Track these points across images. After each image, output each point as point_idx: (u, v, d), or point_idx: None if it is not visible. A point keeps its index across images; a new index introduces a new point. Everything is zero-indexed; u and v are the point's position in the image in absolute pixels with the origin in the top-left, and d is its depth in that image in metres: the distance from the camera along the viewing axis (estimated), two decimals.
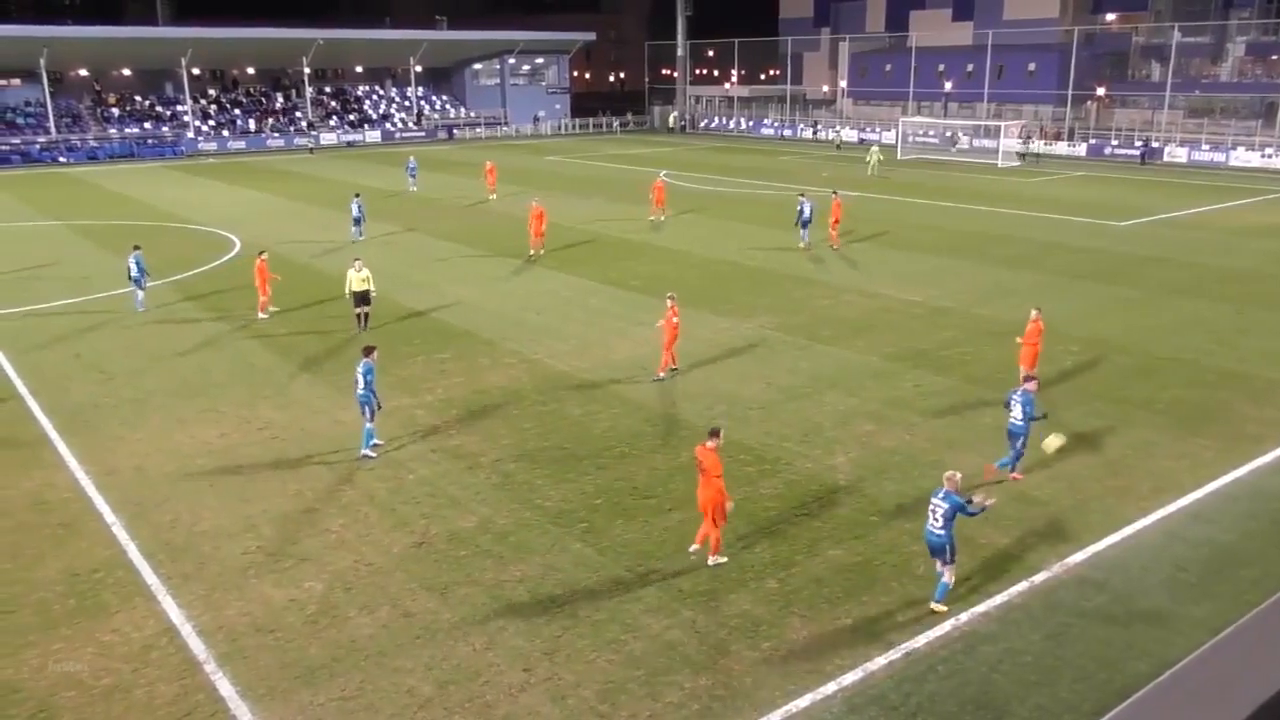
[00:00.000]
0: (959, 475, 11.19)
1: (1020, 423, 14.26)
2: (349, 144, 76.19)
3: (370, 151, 72.30)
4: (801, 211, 32.59)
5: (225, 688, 9.73)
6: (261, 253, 24.67)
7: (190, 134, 72.71)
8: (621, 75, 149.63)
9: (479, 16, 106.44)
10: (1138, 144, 63.82)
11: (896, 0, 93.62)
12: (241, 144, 73.63)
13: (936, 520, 10.93)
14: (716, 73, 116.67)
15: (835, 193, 34.65)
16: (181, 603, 11.26)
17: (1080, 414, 17.31)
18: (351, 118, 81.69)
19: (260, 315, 23.98)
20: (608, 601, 11.30)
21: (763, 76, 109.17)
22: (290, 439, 16.30)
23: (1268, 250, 32.42)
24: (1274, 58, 68.13)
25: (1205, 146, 62.44)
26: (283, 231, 36.04)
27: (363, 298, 22.61)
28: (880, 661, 10.13)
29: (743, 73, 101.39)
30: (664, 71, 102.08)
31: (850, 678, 9.87)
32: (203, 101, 77.49)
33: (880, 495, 14.11)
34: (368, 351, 15.72)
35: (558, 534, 12.96)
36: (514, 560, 12.24)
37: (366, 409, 15.42)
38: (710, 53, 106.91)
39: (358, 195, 35.34)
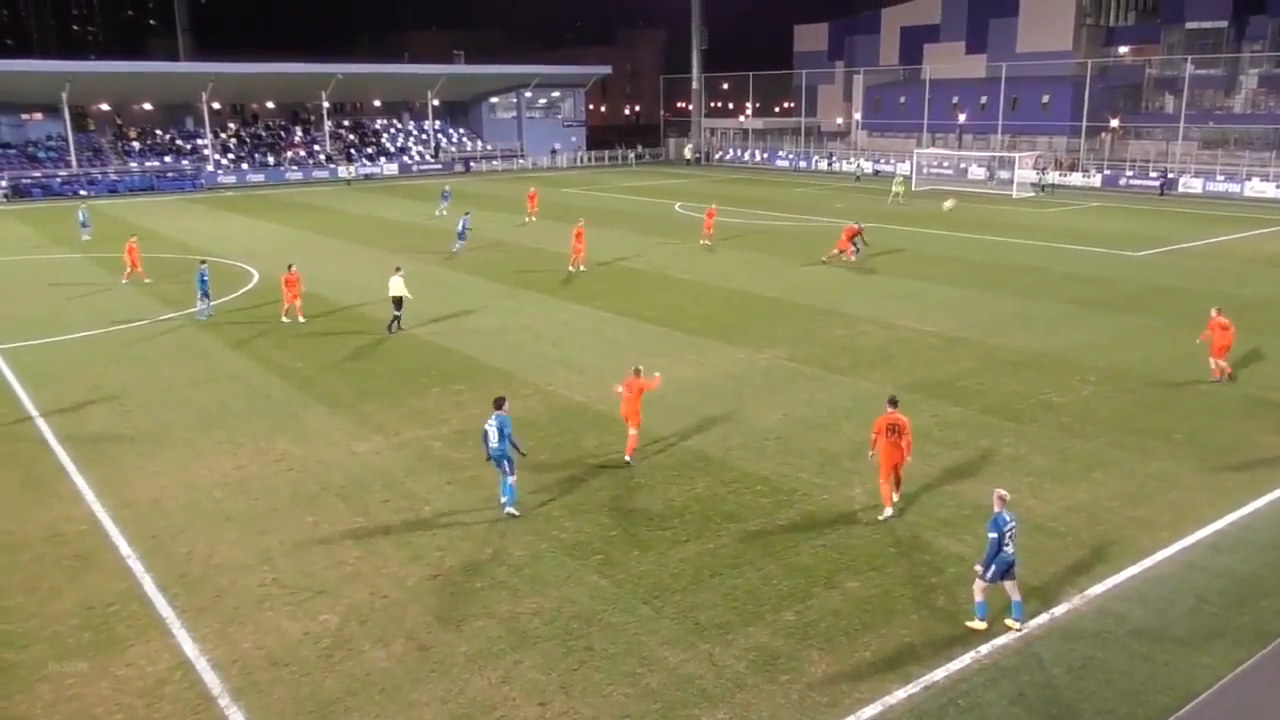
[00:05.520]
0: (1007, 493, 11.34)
1: None
2: (366, 177, 76.98)
3: (398, 184, 72.96)
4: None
5: None
6: (291, 265, 27.36)
7: (210, 167, 73.74)
8: (637, 108, 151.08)
9: (496, 51, 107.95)
10: (1153, 175, 63.76)
11: (910, 33, 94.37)
12: (260, 177, 74.59)
13: (1012, 543, 11.01)
14: (731, 105, 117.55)
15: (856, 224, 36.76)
16: (196, 636, 11.25)
17: (1100, 444, 17.17)
18: (369, 151, 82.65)
19: (285, 319, 26.74)
20: (624, 634, 11.23)
21: (777, 109, 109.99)
22: (307, 471, 16.35)
23: None
24: None
25: (1220, 177, 62.34)
26: (301, 264, 36.28)
27: (398, 303, 25.49)
28: (900, 695, 10.00)
29: (757, 105, 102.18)
30: (679, 104, 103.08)
31: (869, 711, 9.75)
32: (223, 135, 78.64)
33: (898, 526, 14.00)
34: (499, 404, 14.30)
35: (573, 566, 12.91)
36: (529, 592, 12.19)
37: (507, 463, 14.18)
38: (725, 85, 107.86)
39: (467, 213, 40.80)
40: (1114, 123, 72.91)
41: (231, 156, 76.97)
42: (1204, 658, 10.49)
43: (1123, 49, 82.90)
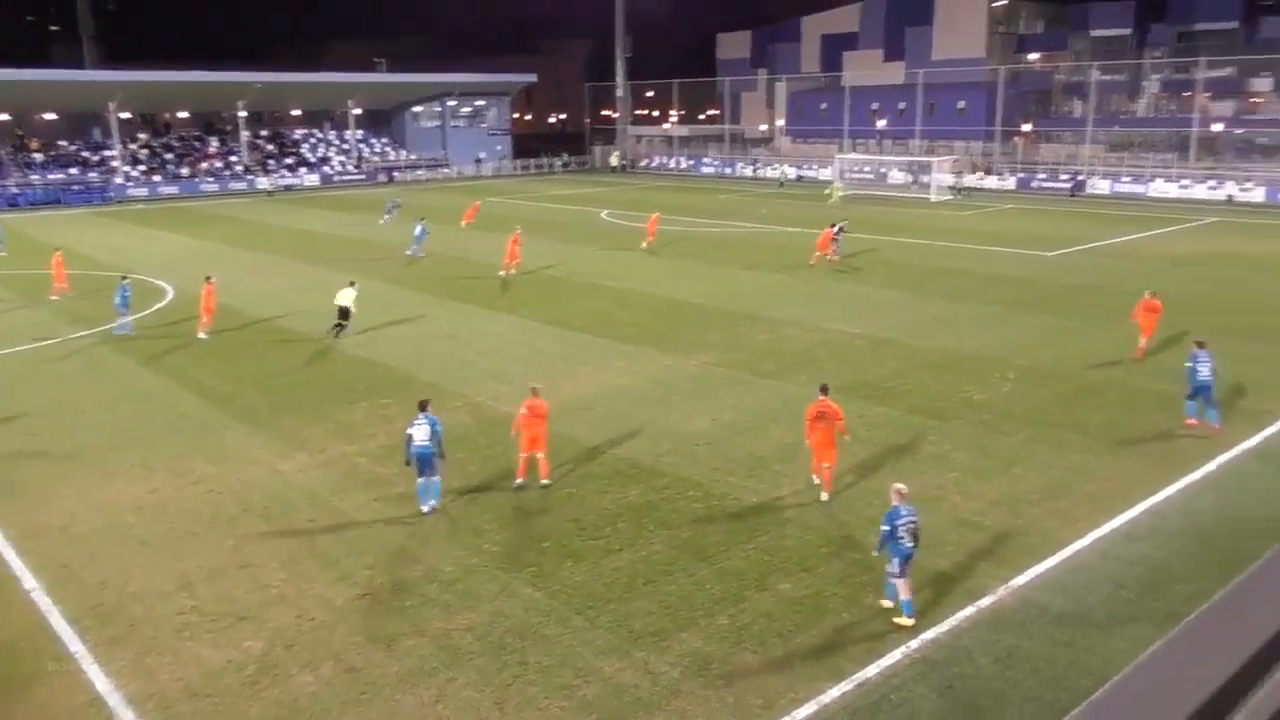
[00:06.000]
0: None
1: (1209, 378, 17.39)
2: (286, 188, 75.30)
3: (321, 195, 71.56)
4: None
5: None
6: (209, 277, 26.68)
7: (119, 179, 71.27)
8: (562, 116, 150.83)
9: (419, 59, 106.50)
10: (1064, 177, 65.93)
11: (830, 41, 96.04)
12: (174, 189, 72.31)
13: (909, 539, 11.33)
14: (656, 113, 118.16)
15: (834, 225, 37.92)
16: (110, 670, 10.80)
17: (1019, 440, 17.63)
18: (289, 161, 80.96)
19: (200, 335, 25.98)
20: (558, 646, 11.13)
21: (702, 116, 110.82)
22: (226, 492, 15.87)
23: (1190, 277, 33.57)
24: (1186, 94, 71.06)
25: (1126, 178, 64.74)
26: (219, 277, 35.34)
27: (344, 313, 25.46)
28: (833, 693, 10.10)
29: (682, 112, 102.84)
30: (604, 112, 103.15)
31: (803, 711, 9.83)
32: (132, 146, 76.13)
33: (828, 526, 14.17)
34: (424, 406, 14.88)
35: (506, 579, 12.76)
36: (461, 608, 12.01)
37: (439, 461, 14.68)
38: (650, 93, 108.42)
39: (423, 219, 40.47)
40: (1026, 127, 75.20)
41: (143, 168, 74.58)
42: (1121, 642, 10.84)
43: (1033, 56, 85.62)
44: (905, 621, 11.35)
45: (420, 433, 14.45)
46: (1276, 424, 18.16)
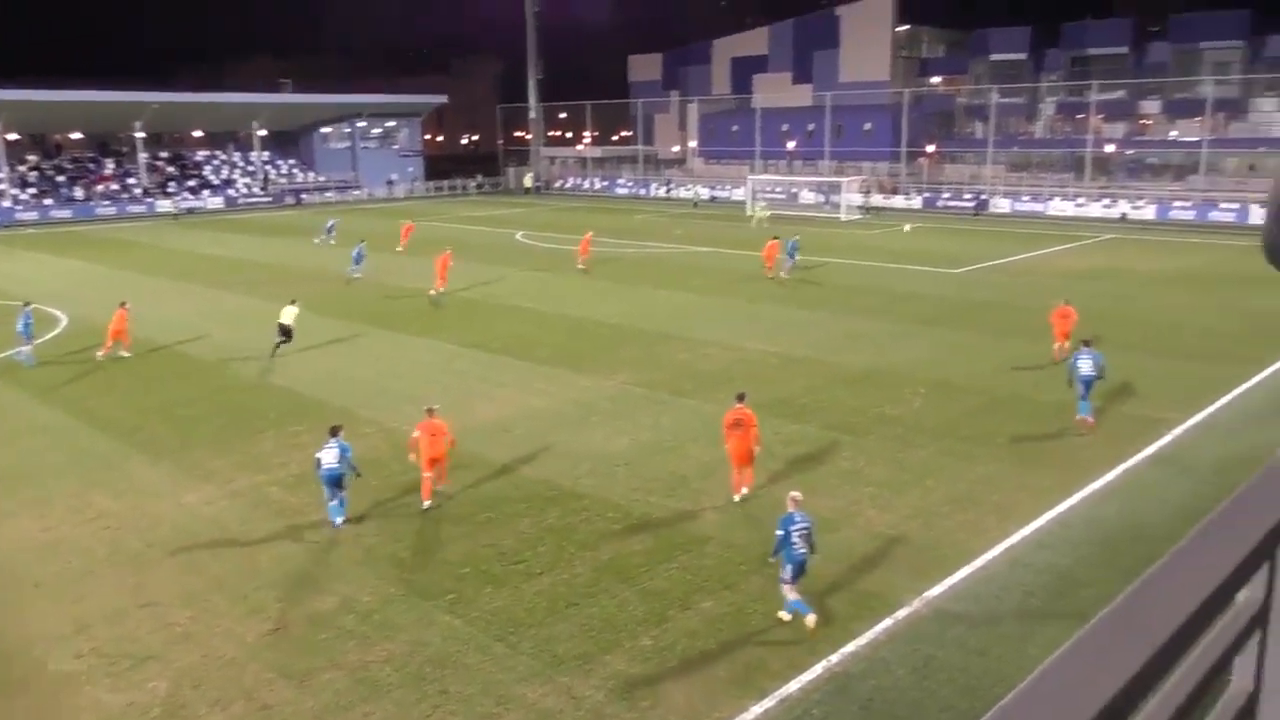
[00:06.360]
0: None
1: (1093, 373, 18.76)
2: (189, 211, 73.03)
3: (227, 218, 69.56)
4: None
5: None
6: (123, 303, 26.56)
7: (6, 203, 68.18)
8: (475, 137, 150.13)
9: (327, 79, 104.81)
10: (968, 196, 68.22)
11: (740, 64, 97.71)
12: (67, 213, 69.48)
13: (802, 543, 11.71)
14: (570, 134, 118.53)
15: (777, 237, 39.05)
16: None
17: (930, 453, 18.07)
18: (191, 184, 78.60)
19: (100, 355, 25.69)
20: (479, 674, 10.94)
21: (615, 137, 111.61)
22: (128, 527, 15.21)
23: (1088, 291, 34.95)
24: (1080, 116, 74.39)
25: (1026, 197, 67.28)
26: (115, 304, 34.08)
27: (285, 331, 25.69)
28: (756, 710, 10.15)
29: (596, 134, 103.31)
30: (517, 133, 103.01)
31: None
32: (20, 168, 72.91)
33: (748, 543, 14.27)
34: (335, 432, 15.13)
35: (424, 607, 12.50)
36: (379, 639, 11.72)
37: (344, 479, 14.91)
38: (563, 114, 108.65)
39: (363, 241, 40.43)
40: (930, 148, 77.65)
41: (32, 191, 71.50)
42: (1032, 649, 11.14)
43: (935, 79, 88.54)
44: (810, 621, 11.61)
45: (329, 455, 14.74)
46: (1171, 432, 19.00)
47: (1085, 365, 19.11)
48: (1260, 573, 1.38)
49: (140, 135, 74.76)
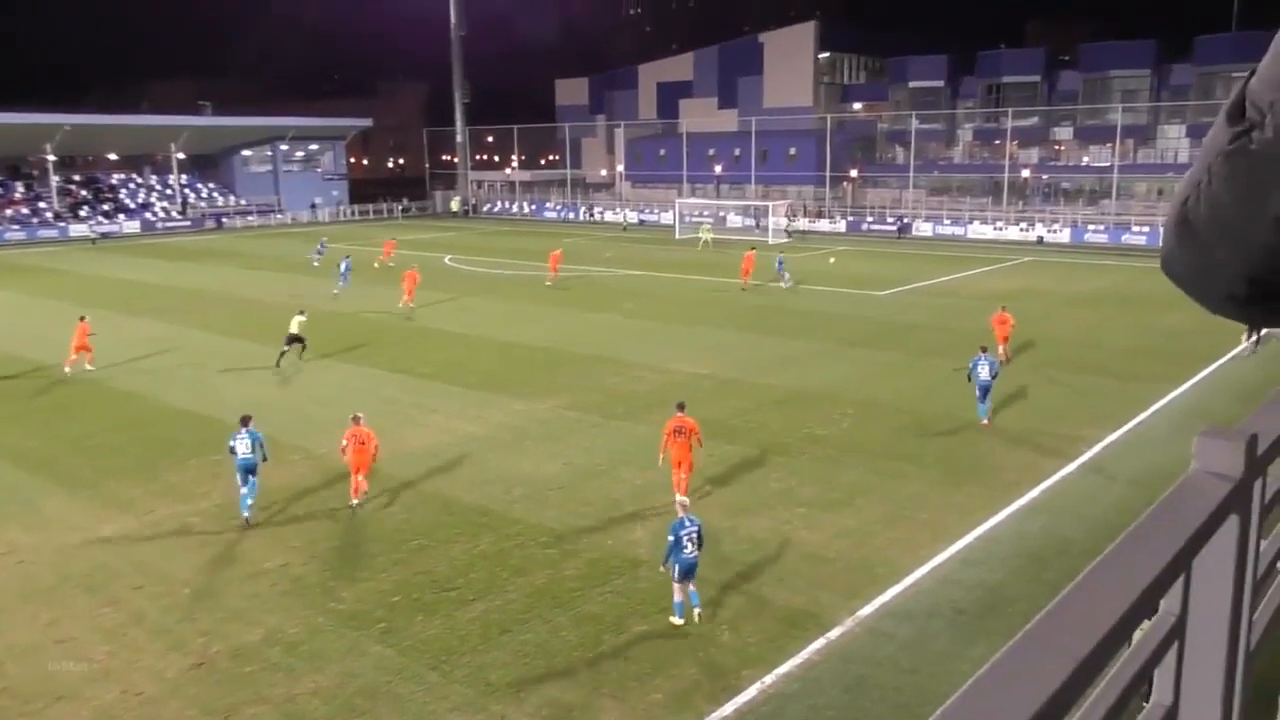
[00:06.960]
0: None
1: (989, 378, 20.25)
2: (104, 235, 70.73)
3: (144, 242, 67.52)
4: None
5: None
6: (83, 317, 27.25)
7: None
8: (401, 161, 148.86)
9: (249, 102, 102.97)
10: (890, 220, 69.85)
11: (666, 89, 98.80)
12: None
13: (692, 546, 12.17)
14: (497, 158, 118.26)
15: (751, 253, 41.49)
16: None
17: (860, 473, 18.37)
18: (106, 207, 76.21)
19: (67, 369, 26.17)
20: (412, 704, 10.75)
21: (543, 161, 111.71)
22: (41, 562, 14.61)
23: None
24: (996, 142, 76.87)
25: (946, 221, 69.14)
26: (29, 330, 32.87)
27: (294, 338, 26.98)
28: None
29: (523, 158, 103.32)
30: (444, 157, 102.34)
31: None
32: None
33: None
34: (246, 421, 16.04)
35: (354, 637, 12.25)
36: (307, 671, 11.44)
37: (257, 470, 15.75)
38: (490, 138, 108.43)
39: (347, 256, 42.40)
40: (853, 172, 79.36)
41: None
42: (963, 665, 11.35)
43: (857, 105, 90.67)
44: (677, 621, 12.11)
45: (242, 445, 15.60)
46: (1092, 449, 19.62)
47: (983, 371, 20.64)
48: (1176, 585, 1.44)
49: (51, 158, 72.31)
